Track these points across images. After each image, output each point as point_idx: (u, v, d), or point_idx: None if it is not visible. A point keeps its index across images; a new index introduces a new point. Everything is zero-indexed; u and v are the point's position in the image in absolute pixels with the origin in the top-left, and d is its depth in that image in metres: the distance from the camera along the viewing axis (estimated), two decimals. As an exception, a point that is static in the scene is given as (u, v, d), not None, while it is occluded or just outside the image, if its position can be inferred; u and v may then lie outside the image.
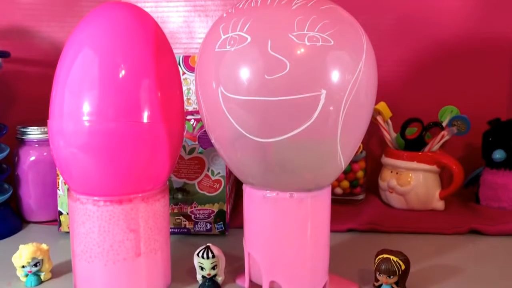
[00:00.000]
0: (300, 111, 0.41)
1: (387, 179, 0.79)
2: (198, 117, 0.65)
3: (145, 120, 0.45)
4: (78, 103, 0.44)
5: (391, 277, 0.47)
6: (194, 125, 0.65)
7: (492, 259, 0.59)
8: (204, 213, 0.65)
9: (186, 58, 0.75)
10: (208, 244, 0.50)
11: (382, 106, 0.80)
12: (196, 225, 0.66)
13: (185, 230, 0.66)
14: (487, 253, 0.61)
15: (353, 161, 0.80)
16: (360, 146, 0.80)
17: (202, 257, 0.49)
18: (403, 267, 0.47)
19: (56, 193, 0.66)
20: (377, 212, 0.76)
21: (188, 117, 0.65)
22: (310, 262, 0.48)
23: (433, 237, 0.66)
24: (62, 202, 0.66)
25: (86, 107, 0.43)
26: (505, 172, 0.77)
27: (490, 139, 0.78)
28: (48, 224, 0.72)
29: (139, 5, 0.53)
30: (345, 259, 0.58)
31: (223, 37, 0.43)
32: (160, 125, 0.46)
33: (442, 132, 0.77)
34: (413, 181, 0.76)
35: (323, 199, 0.48)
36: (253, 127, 0.42)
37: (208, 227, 0.66)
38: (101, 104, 0.44)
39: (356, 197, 0.81)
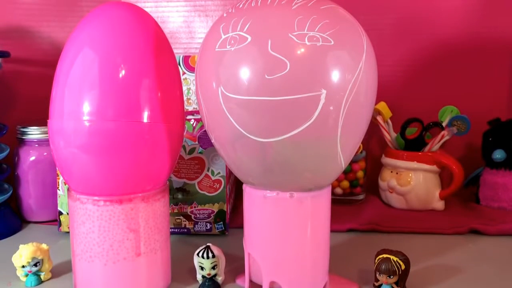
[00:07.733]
0: (300, 111, 0.41)
1: (387, 179, 0.78)
2: (198, 117, 0.65)
3: (145, 120, 0.45)
4: (78, 103, 0.44)
5: (391, 277, 0.47)
6: (194, 125, 0.65)
7: (492, 259, 0.59)
8: (204, 213, 0.65)
9: (186, 58, 0.75)
10: (208, 244, 0.50)
11: (382, 106, 0.80)
12: (196, 225, 0.66)
13: (185, 230, 0.66)
14: (487, 253, 0.60)
15: (353, 161, 0.80)
16: (360, 146, 0.80)
17: (202, 257, 0.49)
18: (403, 267, 0.47)
19: (56, 193, 0.66)
20: (377, 212, 0.75)
21: (188, 117, 0.65)
22: (310, 262, 0.48)
23: (433, 237, 0.66)
24: (62, 202, 0.66)
25: (86, 107, 0.43)
26: (505, 172, 0.77)
27: (490, 139, 0.78)
28: (48, 224, 0.72)
29: (139, 5, 0.53)
30: (345, 259, 0.58)
31: (223, 37, 0.43)
32: (160, 125, 0.46)
33: (442, 132, 0.77)
34: (413, 181, 0.76)
35: (323, 199, 0.48)
36: (253, 127, 0.42)
37: (208, 227, 0.66)
38: (101, 104, 0.44)
39: (356, 197, 0.81)
